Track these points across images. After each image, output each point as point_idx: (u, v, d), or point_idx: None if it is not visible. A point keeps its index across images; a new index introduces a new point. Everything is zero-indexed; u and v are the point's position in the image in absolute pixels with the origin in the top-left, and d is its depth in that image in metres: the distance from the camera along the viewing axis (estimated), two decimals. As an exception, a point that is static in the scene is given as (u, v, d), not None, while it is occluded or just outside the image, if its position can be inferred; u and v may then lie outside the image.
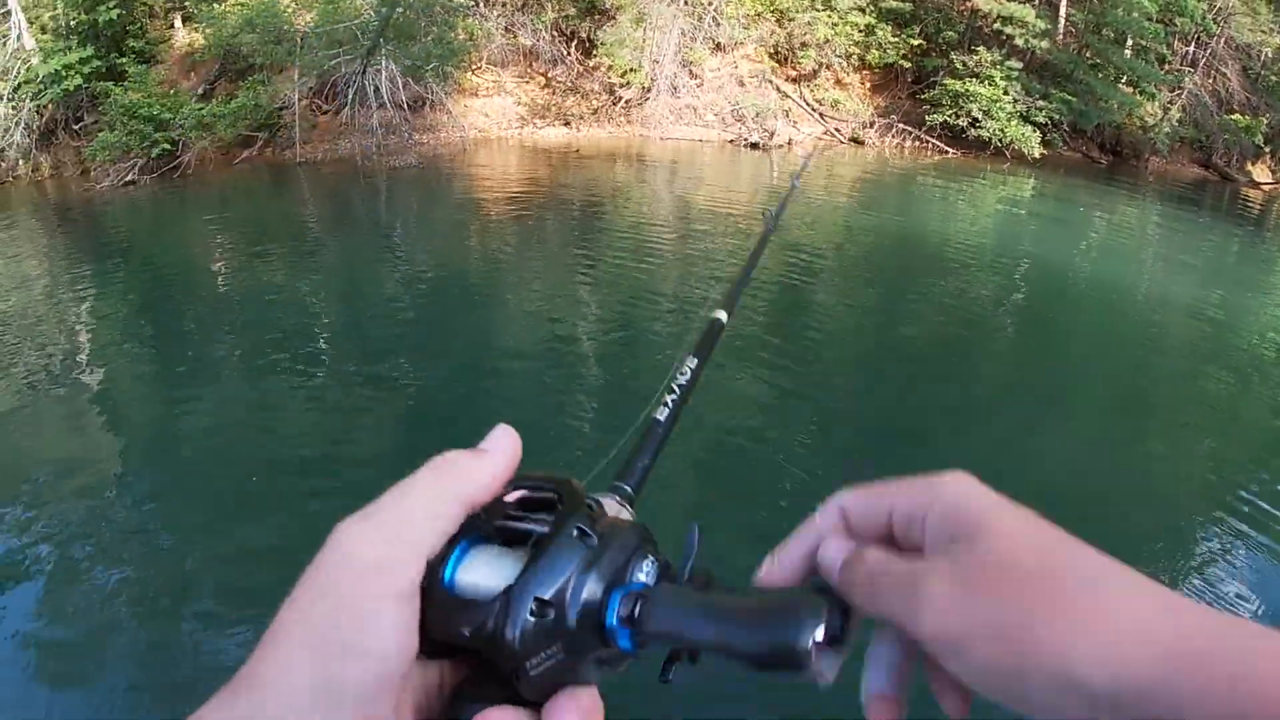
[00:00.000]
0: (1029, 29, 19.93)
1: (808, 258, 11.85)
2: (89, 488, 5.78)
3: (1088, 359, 9.21)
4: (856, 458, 6.35)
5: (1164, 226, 17.34)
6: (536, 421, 6.61)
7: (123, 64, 18.19)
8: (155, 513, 5.50)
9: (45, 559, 4.97)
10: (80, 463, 6.14)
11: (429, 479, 0.49)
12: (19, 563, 4.93)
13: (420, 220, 14.35)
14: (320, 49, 17.31)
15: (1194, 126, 23.93)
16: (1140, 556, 5.41)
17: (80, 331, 8.90)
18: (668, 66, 19.02)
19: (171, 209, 15.11)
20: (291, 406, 6.96)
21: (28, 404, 7.05)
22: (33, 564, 4.93)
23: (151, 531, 5.32)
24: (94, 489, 5.77)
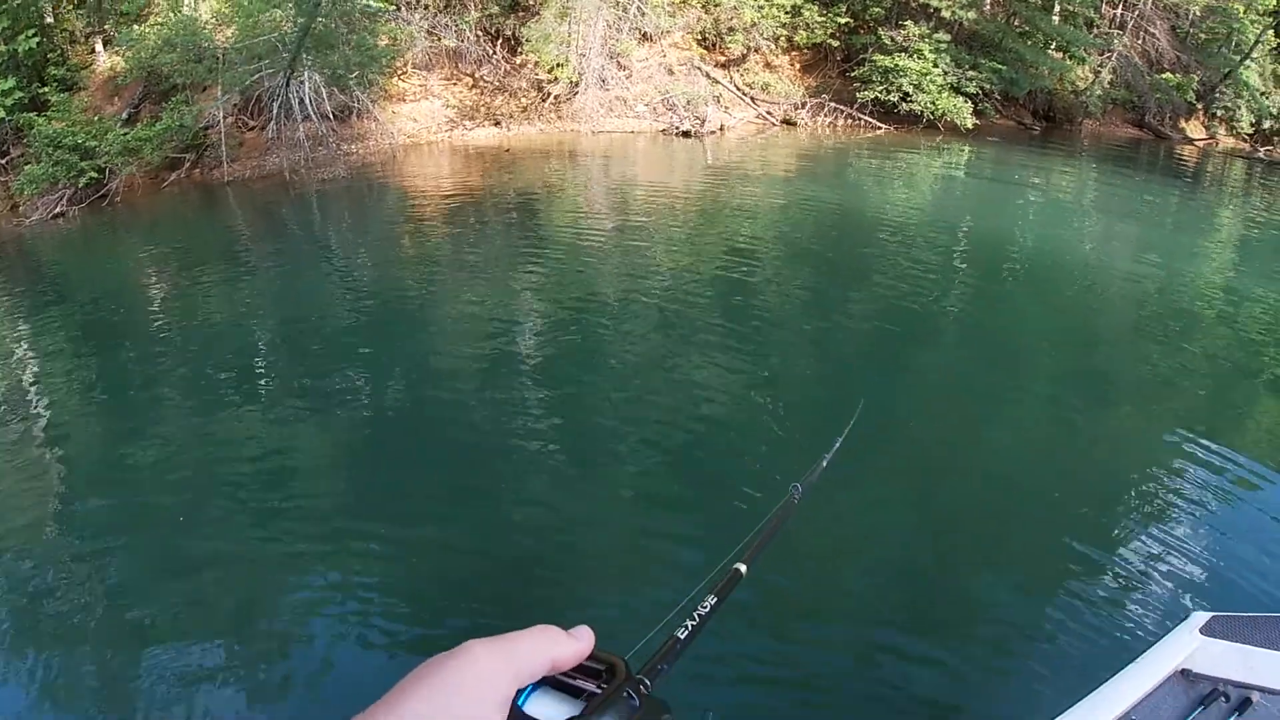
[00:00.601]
0: (955, 0, 20.00)
1: (748, 243, 11.86)
2: (36, 521, 5.76)
3: (1033, 325, 9.27)
4: (808, 441, 6.31)
5: (1101, 188, 17.52)
6: (489, 429, 6.60)
7: (45, 93, 17.75)
8: (105, 543, 5.51)
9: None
10: (25, 497, 6.08)
11: (538, 637, 0.66)
12: None
13: (352, 231, 14.13)
14: (241, 64, 17.00)
15: (1126, 88, 24.18)
16: (1092, 520, 5.51)
17: (17, 368, 8.72)
18: (595, 59, 18.88)
19: (103, 239, 14.82)
20: (237, 429, 6.85)
21: None
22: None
23: (102, 561, 5.32)
24: (41, 522, 5.77)
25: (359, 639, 4.51)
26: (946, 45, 20.07)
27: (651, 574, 4.86)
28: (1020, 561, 5.18)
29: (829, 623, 4.68)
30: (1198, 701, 2.45)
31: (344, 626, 4.61)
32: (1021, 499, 5.79)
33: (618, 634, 2.80)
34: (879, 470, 5.99)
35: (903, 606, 4.74)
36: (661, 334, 8.32)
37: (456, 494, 5.78)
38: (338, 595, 4.86)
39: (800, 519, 3.47)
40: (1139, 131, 24.79)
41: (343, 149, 17.86)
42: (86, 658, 4.45)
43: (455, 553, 5.20)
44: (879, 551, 5.23)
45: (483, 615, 4.60)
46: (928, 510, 5.64)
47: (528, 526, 5.41)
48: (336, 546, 5.28)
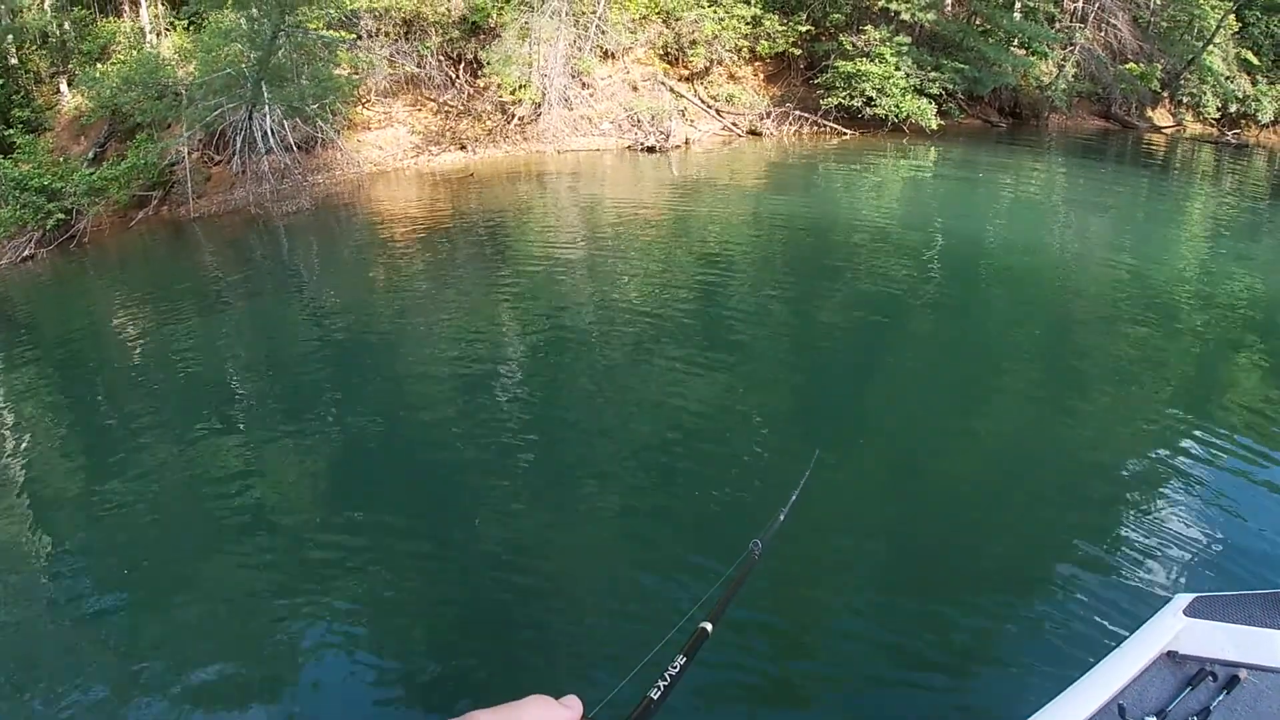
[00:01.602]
0: (914, 3, 20.12)
1: (721, 253, 11.95)
2: (12, 559, 5.91)
3: (1009, 322, 9.32)
4: (790, 447, 6.44)
5: (1071, 181, 17.60)
6: (461, 457, 6.70)
7: (10, 135, 17.72)
8: (85, 583, 5.62)
9: None
10: (5, 540, 6.18)
11: (537, 707, 0.77)
12: None
13: (320, 262, 14.12)
14: (203, 100, 16.98)
15: (1090, 80, 24.32)
16: (1073, 510, 5.62)
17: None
18: (557, 79, 18.90)
19: (73, 280, 14.76)
20: (213, 464, 6.94)
21: None
22: None
23: (82, 600, 5.41)
24: (18, 560, 5.92)
25: (333, 669, 4.62)
26: (908, 48, 20.15)
27: (623, 615, 4.88)
28: (1003, 556, 5.26)
29: (822, 618, 4.81)
30: (1185, 682, 2.48)
31: (318, 657, 4.70)
32: (1002, 493, 5.90)
33: (588, 681, 3.63)
34: (857, 477, 6.11)
35: (890, 605, 4.84)
36: (630, 359, 8.34)
37: (432, 523, 5.88)
38: (312, 627, 4.94)
39: (782, 539, 3.54)
40: (1106, 123, 24.93)
41: (309, 180, 17.81)
42: (66, 692, 4.55)
43: (432, 585, 5.30)
44: (863, 552, 5.32)
45: (457, 648, 4.73)
46: (911, 510, 5.73)
47: (499, 558, 5.46)
48: (312, 577, 5.37)
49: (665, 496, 6.01)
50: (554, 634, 4.75)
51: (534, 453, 6.65)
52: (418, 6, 19.09)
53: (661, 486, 6.13)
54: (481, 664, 4.58)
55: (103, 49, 20.11)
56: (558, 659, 4.56)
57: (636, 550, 5.46)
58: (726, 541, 5.16)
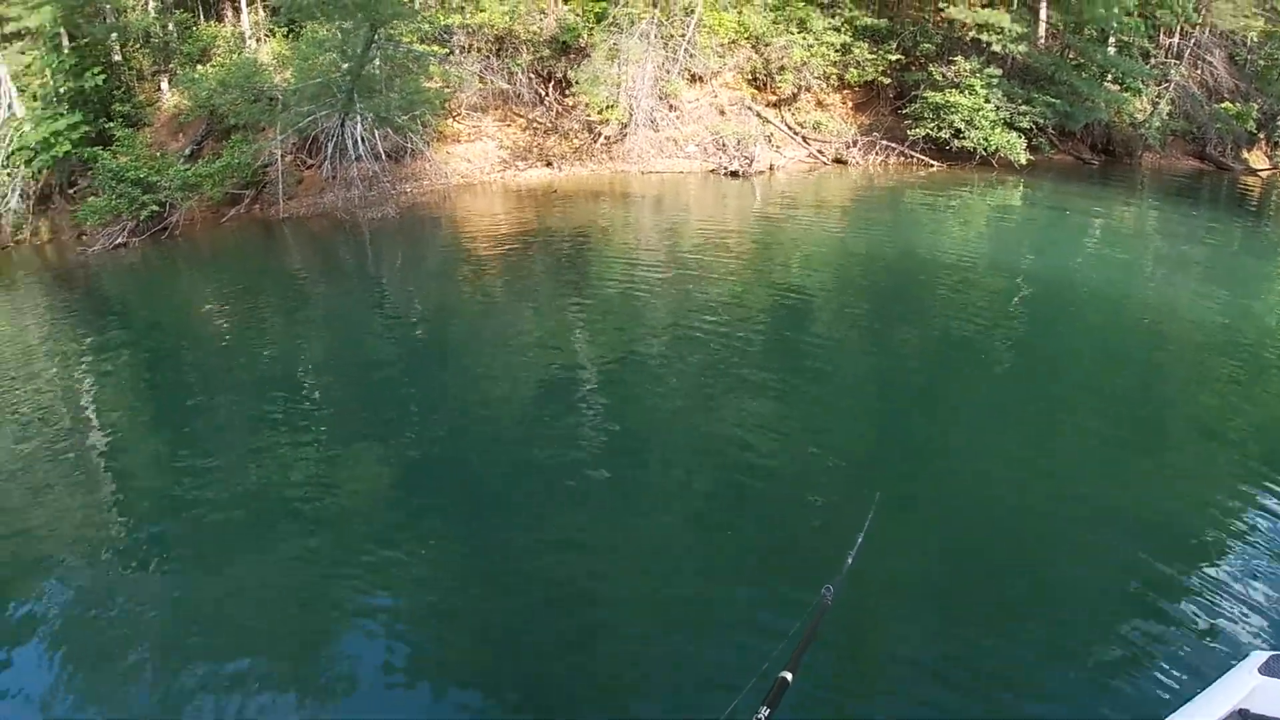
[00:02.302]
0: (1006, 34, 19.75)
1: (804, 281, 11.90)
2: (90, 534, 6.14)
3: (1091, 367, 9.10)
4: (862, 481, 6.39)
5: (1162, 224, 17.09)
6: (531, 469, 6.77)
7: (111, 128, 18.36)
8: (154, 555, 5.87)
9: (53, 614, 5.29)
10: (81, 512, 6.49)
11: None
12: (30, 616, 5.25)
13: (402, 269, 14.43)
14: (297, 106, 17.41)
15: (1185, 118, 23.62)
16: (1149, 560, 5.45)
17: (77, 388, 9.23)
18: (644, 100, 18.99)
19: (162, 269, 15.34)
20: (286, 456, 7.19)
21: (30, 463, 7.35)
22: (42, 618, 5.24)
23: (149, 573, 5.65)
24: (95, 535, 6.13)
25: (388, 667, 4.74)
26: (998, 80, 19.80)
27: (686, 661, 4.82)
28: (1074, 604, 5.14)
29: (893, 663, 4.74)
30: None
31: (373, 654, 4.83)
32: (1074, 540, 5.76)
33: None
34: (925, 518, 6.00)
35: (960, 650, 4.75)
36: (702, 385, 8.34)
37: (491, 536, 5.92)
38: (361, 624, 5.08)
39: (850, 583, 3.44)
40: (1200, 163, 24.16)
41: (397, 188, 18.20)
42: (133, 664, 4.81)
43: (486, 600, 5.32)
44: (931, 597, 5.25)
45: (504, 674, 4.72)
46: (980, 553, 5.65)
47: (557, 585, 5.47)
48: (368, 576, 5.47)
49: (732, 533, 5.97)
50: (609, 678, 4.73)
51: (598, 475, 6.67)
52: (510, 24, 19.35)
53: (728, 522, 6.10)
54: (526, 691, 4.62)
55: (203, 51, 20.72)
56: (611, 705, 4.56)
57: (701, 589, 5.38)
58: (795, 581, 5.11)
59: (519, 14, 19.38)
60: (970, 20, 20.18)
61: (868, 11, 21.69)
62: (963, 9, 20.34)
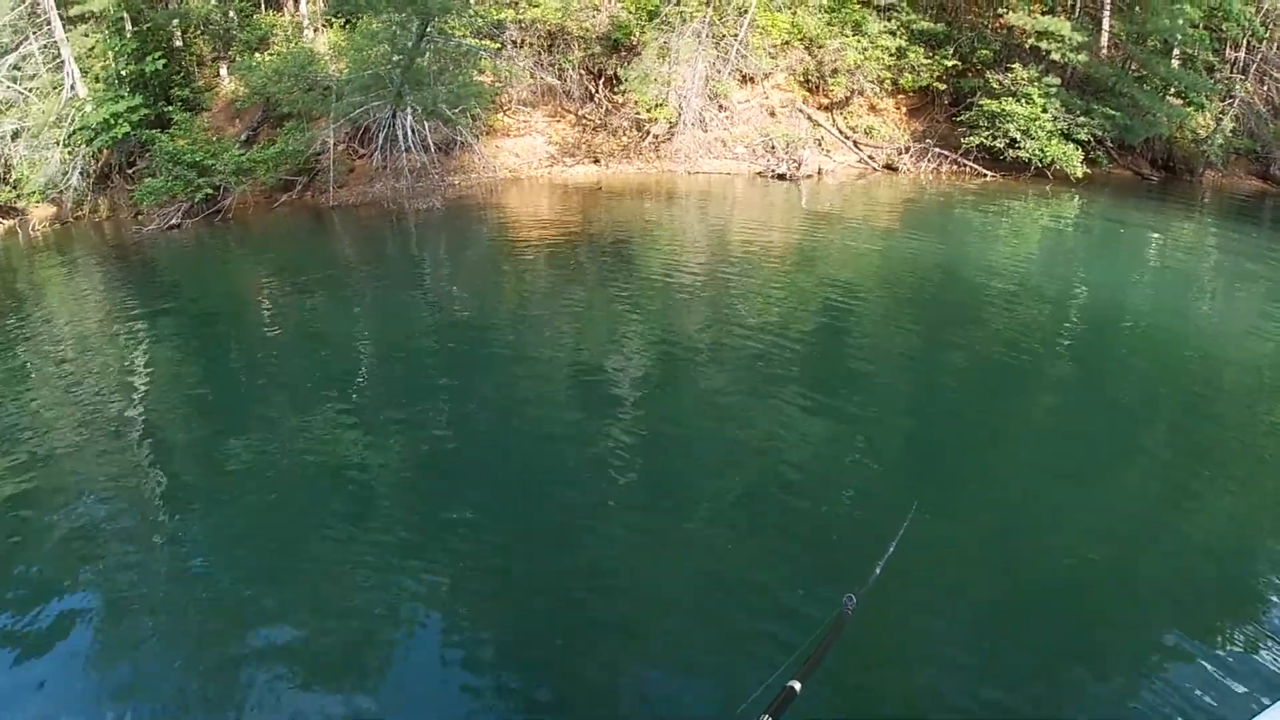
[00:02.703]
0: (1066, 43, 19.31)
1: (848, 289, 11.72)
2: (141, 515, 6.25)
3: (1141, 392, 8.85)
4: (898, 496, 6.21)
5: (1221, 245, 16.52)
6: (565, 467, 6.84)
7: (170, 111, 18.77)
8: (202, 540, 5.98)
9: (95, 590, 5.41)
10: (131, 491, 6.60)
11: None
12: (72, 593, 5.34)
13: (447, 260, 14.58)
14: (350, 96, 17.60)
15: (1249, 136, 22.94)
16: (1194, 597, 5.35)
17: (127, 362, 9.46)
18: (694, 100, 18.90)
19: (214, 251, 15.62)
20: (325, 441, 7.32)
21: (83, 438, 7.52)
22: (83, 594, 5.36)
23: (196, 557, 5.77)
24: (145, 517, 6.23)
25: (410, 655, 4.83)
26: (1057, 89, 19.38)
27: (702, 664, 4.79)
28: (1108, 634, 5.01)
29: (915, 682, 4.65)
30: None
31: (398, 641, 4.92)
32: (1113, 568, 5.63)
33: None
34: (961, 534, 5.88)
35: (985, 675, 4.65)
36: (738, 389, 8.27)
37: (527, 527, 6.01)
38: (389, 612, 5.15)
39: (877, 595, 3.31)
40: (1264, 184, 23.42)
41: (445, 180, 18.33)
42: (165, 638, 4.91)
43: (513, 593, 5.39)
44: (960, 616, 5.13)
45: (524, 662, 4.80)
46: (1014, 575, 5.55)
47: (581, 578, 5.50)
48: (397, 563, 5.55)
49: (758, 539, 5.90)
50: (625, 676, 4.71)
51: (631, 474, 6.67)
52: (562, 20, 19.38)
53: (755, 528, 6.04)
54: (543, 685, 4.65)
55: (261, 39, 21.05)
56: (623, 703, 4.53)
57: (722, 593, 5.33)
58: (818, 591, 5.05)
59: (571, 10, 19.39)
60: (1030, 27, 19.79)
61: (925, 16, 21.38)
62: (1022, 15, 19.98)
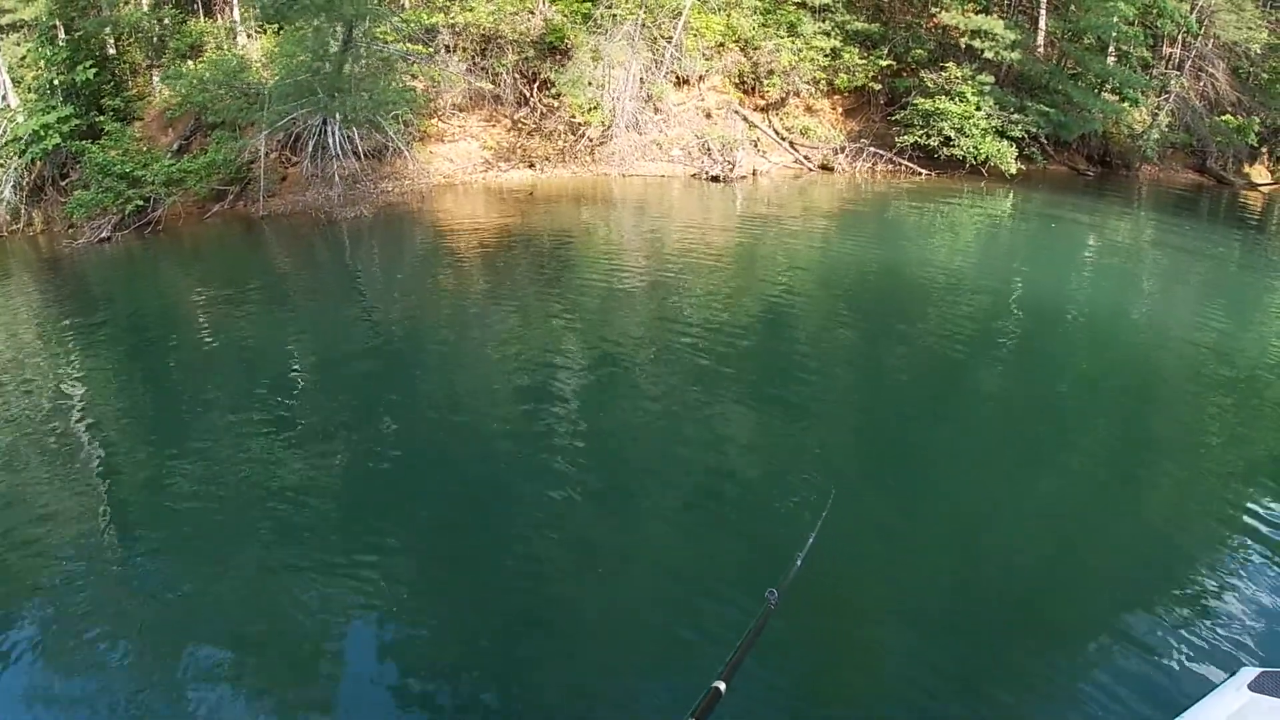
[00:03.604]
0: (999, 41, 19.45)
1: (784, 291, 11.66)
2: (74, 533, 6.12)
3: (1082, 388, 8.86)
4: (828, 488, 6.19)
5: (1159, 238, 16.76)
6: (503, 471, 6.79)
7: (101, 122, 18.36)
8: (137, 556, 5.89)
9: (35, 608, 5.29)
10: (65, 507, 6.48)
11: None
12: (10, 613, 5.22)
13: (379, 269, 14.35)
14: (278, 103, 17.32)
15: (1185, 131, 23.27)
16: (1139, 575, 5.47)
17: (57, 386, 9.16)
18: (628, 103, 18.81)
19: (142, 264, 15.32)
20: (263, 452, 7.16)
21: (12, 456, 7.36)
22: (22, 614, 5.23)
23: (135, 575, 5.65)
24: (78, 533, 6.11)
25: (352, 663, 4.81)
26: (990, 87, 19.52)
27: (633, 662, 4.77)
28: (1063, 616, 5.09)
29: (845, 674, 4.68)
30: None
31: (339, 650, 4.90)
32: (1056, 554, 5.72)
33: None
34: (910, 535, 5.91)
35: (922, 663, 4.65)
36: (683, 389, 8.21)
37: (464, 535, 6.01)
38: (334, 616, 5.12)
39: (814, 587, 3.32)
40: (1200, 176, 23.81)
41: (378, 187, 18.08)
42: (106, 656, 4.83)
43: (461, 592, 5.43)
44: (894, 601, 5.16)
45: (458, 662, 4.78)
46: (953, 563, 5.56)
47: (512, 582, 5.46)
48: (344, 576, 5.49)
49: (692, 539, 5.91)
50: (552, 685, 4.65)
51: (568, 479, 6.60)
52: (496, 24, 19.22)
53: (689, 528, 6.05)
54: (475, 684, 4.63)
55: (193, 47, 20.69)
56: (549, 712, 4.49)
57: (653, 596, 5.29)
58: (747, 587, 4.93)
59: (505, 13, 19.23)
60: (964, 26, 19.93)
61: (860, 16, 21.44)
62: (956, 14, 20.12)
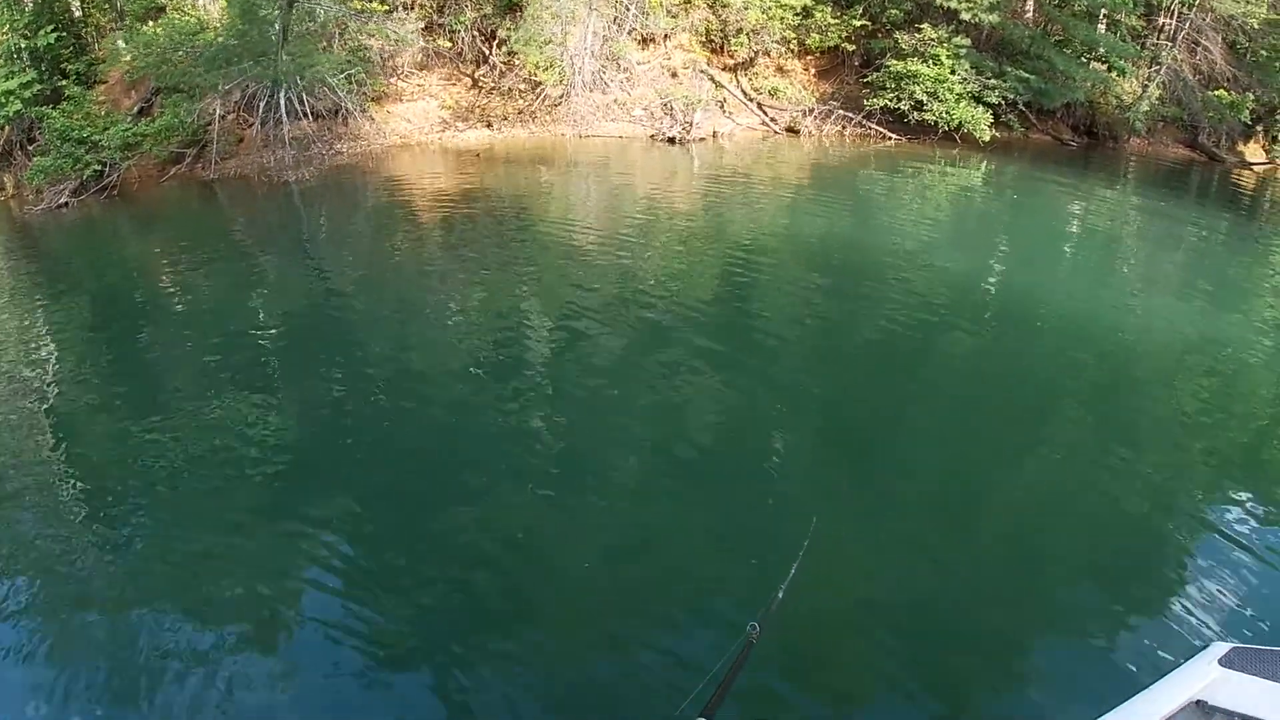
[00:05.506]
0: (977, 3, 18.78)
1: (748, 259, 11.24)
2: (38, 500, 6.13)
3: (1052, 372, 8.55)
4: (802, 487, 6.17)
5: (1144, 213, 16.16)
6: (459, 437, 6.77)
7: (64, 86, 18.09)
8: (92, 521, 5.83)
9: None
10: (20, 473, 6.49)
11: None
12: None
13: (329, 230, 14.18)
14: (226, 66, 16.97)
15: (1176, 104, 22.52)
16: (1112, 554, 5.56)
17: (13, 353, 9.14)
18: (588, 61, 18.29)
19: (101, 229, 15.14)
20: (221, 413, 7.14)
21: None
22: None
23: (102, 539, 5.61)
24: (42, 499, 6.13)
25: (314, 631, 4.77)
26: (966, 51, 18.87)
27: (602, 701, 4.45)
28: (1038, 593, 5.19)
29: (847, 663, 4.64)
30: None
31: (300, 619, 4.87)
32: (1040, 534, 5.79)
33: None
34: (887, 517, 5.84)
35: (915, 640, 4.70)
36: (642, 360, 8.11)
37: (422, 494, 6.02)
38: (299, 587, 5.09)
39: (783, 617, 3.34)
40: (1191, 152, 23.08)
41: (332, 148, 17.77)
42: (76, 623, 4.82)
43: (414, 555, 5.39)
44: (878, 606, 5.09)
45: (429, 620, 4.82)
46: (932, 559, 5.48)
47: (492, 555, 5.41)
48: (304, 537, 5.51)
49: (657, 544, 5.62)
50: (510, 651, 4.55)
51: (528, 451, 6.53)
52: (455, -21, 18.77)
53: (652, 531, 5.74)
54: (428, 646, 4.64)
55: (155, 8, 20.34)
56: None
57: (616, 613, 5.01)
58: (720, 613, 4.85)
59: (464, -31, 18.78)
60: (941, -15, 19.25)
61: (833, -27, 20.78)
62: (933, -27, 19.44)
